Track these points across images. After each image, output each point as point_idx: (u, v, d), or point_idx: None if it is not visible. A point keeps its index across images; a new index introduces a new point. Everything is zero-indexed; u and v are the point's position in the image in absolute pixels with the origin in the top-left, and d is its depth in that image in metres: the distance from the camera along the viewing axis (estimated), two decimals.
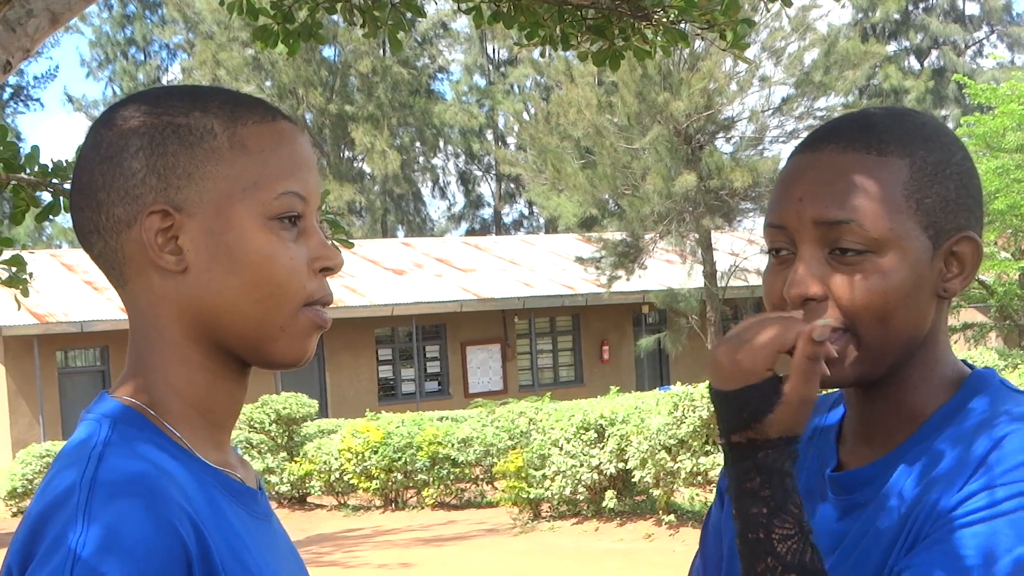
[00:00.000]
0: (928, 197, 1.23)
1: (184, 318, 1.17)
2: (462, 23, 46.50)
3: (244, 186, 1.16)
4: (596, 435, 12.09)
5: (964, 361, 1.32)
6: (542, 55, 4.11)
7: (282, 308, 1.17)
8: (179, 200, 1.15)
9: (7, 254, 4.40)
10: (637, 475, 11.49)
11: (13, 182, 3.98)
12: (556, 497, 12.46)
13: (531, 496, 12.71)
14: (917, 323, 1.25)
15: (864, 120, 1.26)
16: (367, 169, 45.14)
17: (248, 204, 1.16)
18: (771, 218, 1.27)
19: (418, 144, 46.46)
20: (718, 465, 10.72)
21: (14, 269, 4.35)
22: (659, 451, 11.18)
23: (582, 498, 12.36)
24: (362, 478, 14.80)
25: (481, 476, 14.64)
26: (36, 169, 4.00)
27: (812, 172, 1.24)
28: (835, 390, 1.40)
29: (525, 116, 33.15)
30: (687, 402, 11.06)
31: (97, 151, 1.17)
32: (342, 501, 15.61)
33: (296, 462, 15.70)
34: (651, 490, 11.73)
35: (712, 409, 9.92)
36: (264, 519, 1.22)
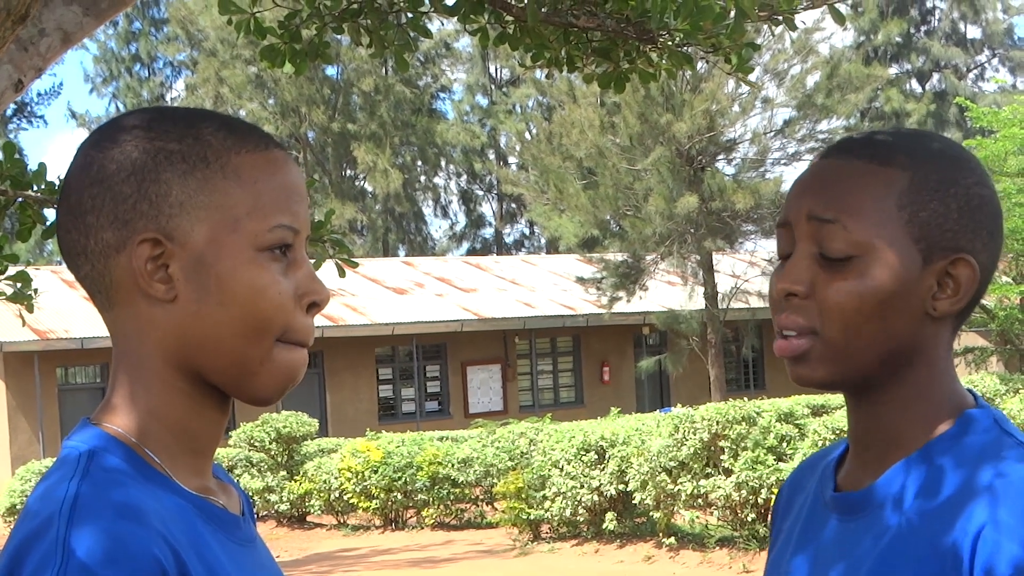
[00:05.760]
0: (924, 211, 1.23)
1: (168, 346, 1.15)
2: (465, 42, 46.65)
3: (237, 217, 1.14)
4: (597, 456, 12.07)
5: (969, 390, 1.31)
6: (547, 77, 4.13)
7: (263, 343, 1.15)
8: (170, 228, 1.13)
9: (12, 270, 4.41)
10: (637, 497, 11.47)
11: (19, 199, 4.00)
12: (556, 518, 12.43)
13: (531, 517, 12.68)
14: (894, 334, 1.24)
15: (878, 135, 1.29)
16: (369, 188, 45.18)
17: (240, 235, 1.14)
18: (779, 218, 1.31)
19: (420, 163, 46.49)
20: (718, 488, 10.70)
21: (19, 285, 4.36)
22: (659, 473, 11.16)
23: (582, 520, 12.34)
24: (362, 497, 14.77)
25: (481, 497, 14.61)
26: (43, 186, 4.02)
27: (816, 174, 1.28)
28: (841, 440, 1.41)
29: (527, 136, 33.17)
30: (688, 424, 11.04)
31: (87, 173, 1.15)
32: (342, 520, 15.58)
33: (296, 481, 15.68)
34: (651, 512, 11.71)
35: (712, 431, 9.87)
36: (247, 544, 1.21)
